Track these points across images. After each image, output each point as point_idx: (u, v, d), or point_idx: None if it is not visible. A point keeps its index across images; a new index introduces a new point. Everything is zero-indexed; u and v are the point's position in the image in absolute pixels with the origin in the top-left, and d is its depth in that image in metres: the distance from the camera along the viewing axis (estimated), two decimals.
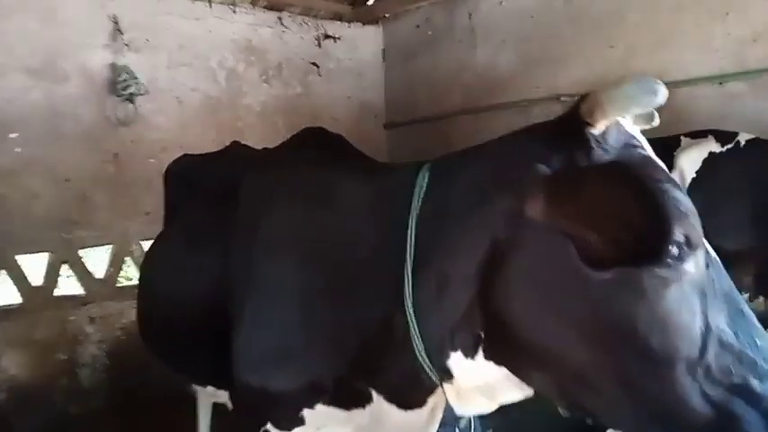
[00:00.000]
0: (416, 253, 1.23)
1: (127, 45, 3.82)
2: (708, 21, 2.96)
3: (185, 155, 2.68)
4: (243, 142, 2.95)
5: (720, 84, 2.91)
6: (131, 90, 3.82)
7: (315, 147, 1.73)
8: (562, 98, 3.62)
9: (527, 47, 3.84)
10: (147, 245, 4.00)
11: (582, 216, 0.98)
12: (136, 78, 3.84)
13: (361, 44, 4.80)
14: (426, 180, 1.28)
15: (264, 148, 2.28)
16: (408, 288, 1.22)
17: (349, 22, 4.67)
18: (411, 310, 1.22)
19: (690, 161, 2.63)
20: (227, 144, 4.16)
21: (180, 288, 1.89)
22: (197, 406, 2.82)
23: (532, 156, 1.07)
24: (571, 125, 1.04)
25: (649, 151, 1.07)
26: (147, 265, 2.28)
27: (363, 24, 4.74)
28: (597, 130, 1.03)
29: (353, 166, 1.57)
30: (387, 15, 4.57)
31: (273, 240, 1.54)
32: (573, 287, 1.00)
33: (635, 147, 1.06)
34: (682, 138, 2.70)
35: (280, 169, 1.70)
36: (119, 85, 3.78)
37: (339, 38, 4.66)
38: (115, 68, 3.80)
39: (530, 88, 3.82)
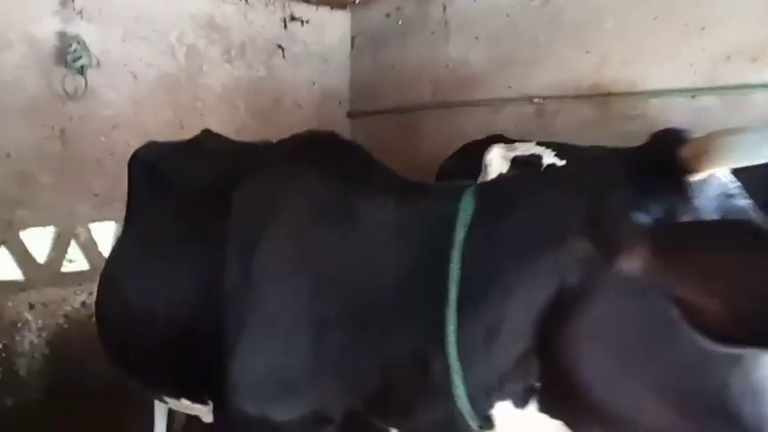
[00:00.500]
0: (461, 291, 1.11)
1: (78, 13, 3.54)
2: (683, 35, 3.00)
3: (152, 142, 2.46)
4: (202, 125, 2.78)
5: (693, 97, 2.97)
6: (82, 62, 3.55)
7: (325, 154, 1.55)
8: (535, 100, 3.61)
9: (501, 45, 3.80)
10: (94, 228, 3.80)
11: (699, 280, 0.87)
12: (87, 49, 3.57)
13: (329, 29, 4.65)
14: (473, 207, 1.16)
15: (249, 143, 2.11)
16: (452, 329, 1.10)
17: (316, 5, 4.51)
18: (454, 354, 1.10)
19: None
20: (183, 125, 4.00)
21: (155, 297, 1.73)
22: (153, 408, 2.66)
23: (623, 199, 0.97)
24: (668, 169, 0.95)
25: (745, 198, 0.99)
26: (113, 267, 2.08)
27: (331, 8, 4.58)
28: (699, 177, 0.93)
29: (377, 181, 1.43)
30: (356, 1, 4.43)
31: (279, 258, 1.40)
32: (664, 351, 0.92)
33: (732, 195, 0.97)
34: None
35: (285, 176, 1.54)
36: (68, 55, 3.51)
37: (306, 21, 4.49)
38: (65, 37, 3.52)
39: (502, 87, 3.79)
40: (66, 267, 3.77)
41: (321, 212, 1.39)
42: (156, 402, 2.58)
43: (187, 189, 1.95)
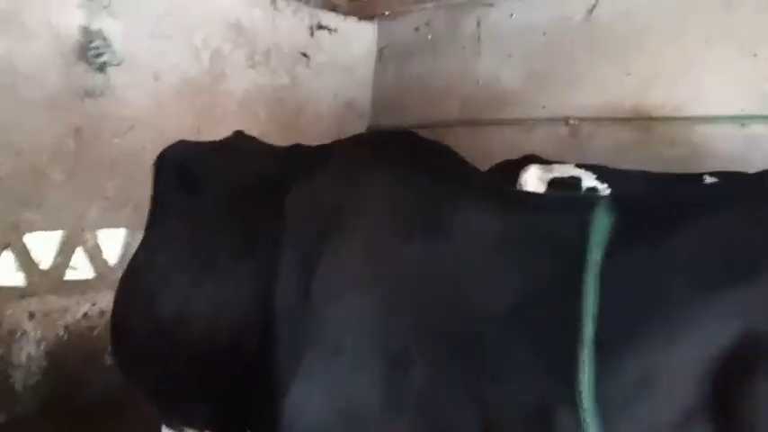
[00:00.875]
0: (599, 326, 0.90)
1: (105, 8, 3.37)
2: (735, 58, 2.93)
3: (181, 141, 2.28)
4: (220, 131, 2.62)
5: (743, 125, 2.87)
6: (104, 59, 3.39)
7: (404, 153, 1.35)
8: (570, 121, 3.51)
9: (536, 64, 3.72)
10: (102, 234, 3.60)
11: None
12: (110, 46, 3.41)
13: (355, 40, 4.53)
14: (610, 222, 0.96)
15: (292, 145, 1.94)
16: (588, 376, 0.89)
17: (344, 14, 4.40)
18: (591, 408, 0.89)
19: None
20: (201, 131, 3.82)
21: (186, 311, 1.53)
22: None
23: None
24: None
25: None
26: (136, 274, 1.87)
27: (359, 19, 4.48)
28: None
29: (475, 186, 1.23)
30: (386, 13, 4.34)
31: (346, 273, 1.20)
32: None
33: None
34: (706, 177, 2.62)
35: (352, 177, 1.33)
36: (90, 51, 3.34)
37: (334, 29, 4.38)
38: (88, 32, 3.35)
39: (535, 107, 3.69)
40: (70, 275, 3.55)
41: (401, 221, 1.19)
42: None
43: (224, 191, 1.76)
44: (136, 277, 1.87)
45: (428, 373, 1.07)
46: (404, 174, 1.28)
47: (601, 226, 0.97)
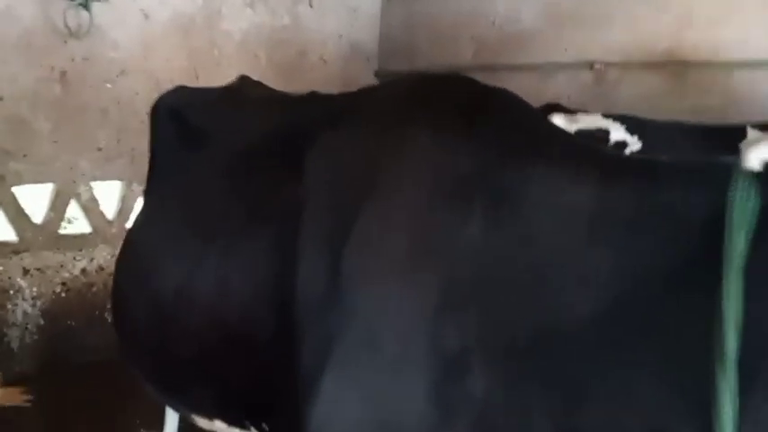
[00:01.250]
0: (746, 340, 0.71)
1: None
2: None
3: (180, 87, 2.05)
4: (219, 75, 2.41)
5: None
6: None
7: (460, 105, 1.11)
8: (595, 66, 3.26)
9: (558, 2, 3.43)
10: (97, 186, 3.40)
11: None
12: None
13: None
14: (757, 199, 0.75)
15: (311, 93, 1.71)
16: (728, 401, 0.70)
17: None
18: None
19: (761, 158, 2.35)
20: (198, 75, 3.58)
21: (194, 287, 1.36)
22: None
23: None
24: None
25: None
26: (137, 243, 1.69)
27: None
28: None
29: (557, 149, 0.99)
30: None
31: (383, 253, 1.01)
32: None
33: None
34: (748, 128, 2.42)
35: (391, 132, 1.11)
36: None
37: None
38: None
39: (556, 50, 3.42)
40: (65, 230, 3.38)
41: (456, 190, 0.98)
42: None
43: (232, 147, 1.56)
44: (135, 250, 1.71)
45: (491, 381, 0.89)
46: (459, 130, 1.05)
47: (743, 204, 0.75)
